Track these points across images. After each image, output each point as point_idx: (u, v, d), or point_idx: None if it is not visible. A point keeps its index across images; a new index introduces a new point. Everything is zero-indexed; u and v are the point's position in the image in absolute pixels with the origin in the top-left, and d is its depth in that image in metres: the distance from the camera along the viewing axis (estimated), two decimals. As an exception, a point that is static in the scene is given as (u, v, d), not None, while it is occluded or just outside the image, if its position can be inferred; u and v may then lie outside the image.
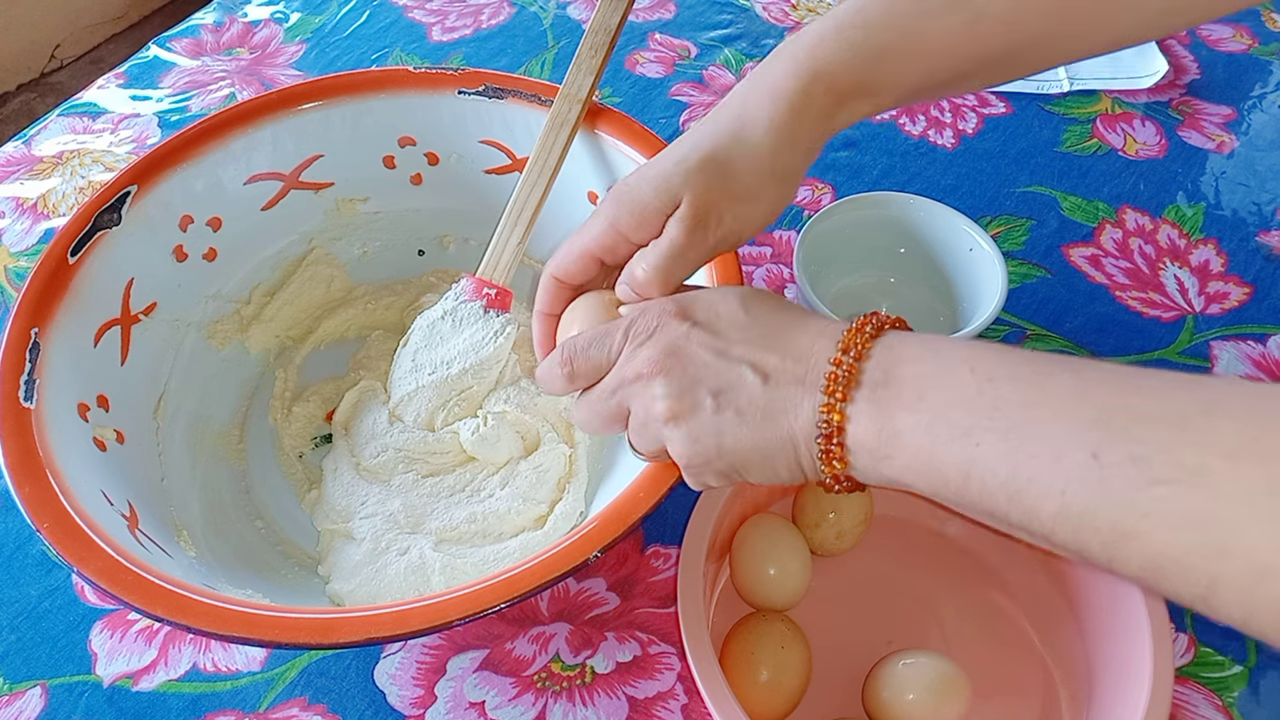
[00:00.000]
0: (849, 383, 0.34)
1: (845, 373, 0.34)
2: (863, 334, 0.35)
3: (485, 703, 0.48)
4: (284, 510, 0.55)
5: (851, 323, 0.36)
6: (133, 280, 0.52)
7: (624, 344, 0.39)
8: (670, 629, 0.51)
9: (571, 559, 0.39)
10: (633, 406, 0.39)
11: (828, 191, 0.71)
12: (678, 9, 0.87)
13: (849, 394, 0.34)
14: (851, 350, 0.35)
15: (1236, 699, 0.49)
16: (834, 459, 0.35)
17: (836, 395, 0.34)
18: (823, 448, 0.35)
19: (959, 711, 0.45)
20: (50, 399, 0.45)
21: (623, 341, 0.39)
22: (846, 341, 0.35)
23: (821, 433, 0.35)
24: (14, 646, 0.50)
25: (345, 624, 0.38)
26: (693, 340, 0.37)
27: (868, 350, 0.35)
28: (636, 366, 0.38)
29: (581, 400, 0.41)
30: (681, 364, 0.37)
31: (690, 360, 0.37)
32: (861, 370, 0.34)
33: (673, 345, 0.37)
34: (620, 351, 0.39)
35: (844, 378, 0.34)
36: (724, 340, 0.37)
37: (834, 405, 0.34)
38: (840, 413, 0.34)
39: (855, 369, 0.34)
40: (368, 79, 0.58)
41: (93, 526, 0.40)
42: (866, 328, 0.35)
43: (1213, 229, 0.69)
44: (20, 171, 0.73)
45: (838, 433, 0.34)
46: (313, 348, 0.61)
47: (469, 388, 0.54)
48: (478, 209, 0.60)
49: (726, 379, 0.36)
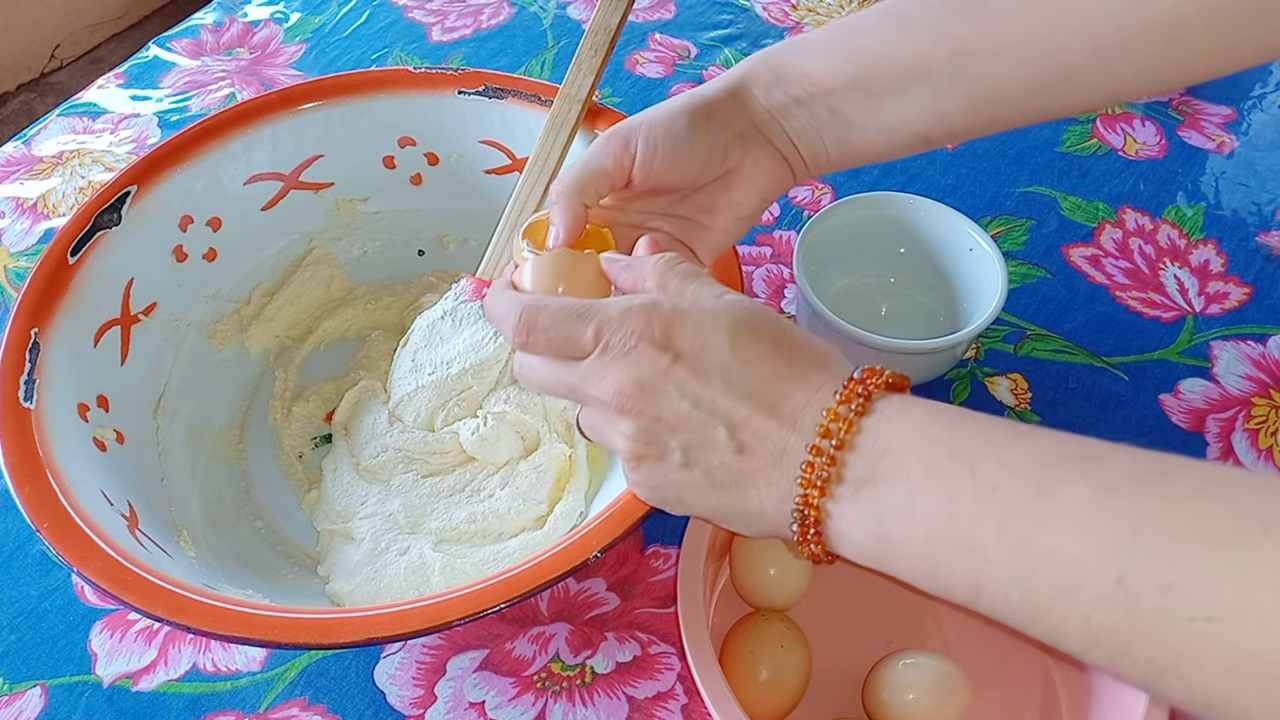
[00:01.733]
0: (829, 478, 0.31)
1: (826, 463, 0.31)
2: (850, 406, 0.32)
3: (485, 703, 0.48)
4: (284, 510, 0.55)
5: (846, 381, 0.33)
6: (133, 280, 0.52)
7: (595, 345, 0.35)
8: (670, 629, 0.51)
9: (571, 559, 0.39)
10: (593, 417, 0.37)
11: (828, 191, 0.71)
12: (678, 9, 0.87)
13: (829, 489, 0.31)
14: (834, 436, 0.31)
15: (1236, 699, 0.49)
16: (812, 543, 0.33)
17: (814, 490, 0.31)
18: (798, 534, 0.33)
19: (959, 711, 0.45)
20: (50, 399, 0.45)
21: (594, 342, 0.35)
22: (828, 423, 0.32)
23: (797, 521, 0.32)
24: (14, 646, 0.50)
25: (345, 624, 0.38)
26: (671, 380, 0.33)
27: (851, 439, 0.31)
28: (604, 391, 0.34)
29: (534, 364, 0.38)
30: (655, 408, 0.34)
31: (665, 405, 0.34)
32: (844, 463, 0.31)
33: (648, 381, 0.34)
34: (588, 350, 0.35)
35: (823, 471, 0.31)
36: (705, 385, 0.33)
37: (811, 499, 0.32)
38: (819, 508, 0.32)
39: (837, 460, 0.31)
40: (368, 79, 0.58)
41: (93, 526, 0.40)
42: (853, 401, 0.32)
43: (1213, 229, 0.69)
44: (20, 171, 0.73)
45: (815, 524, 0.32)
46: (313, 348, 0.61)
47: (469, 388, 0.54)
48: (478, 209, 0.60)
49: (700, 435, 0.33)
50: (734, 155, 0.45)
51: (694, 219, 0.46)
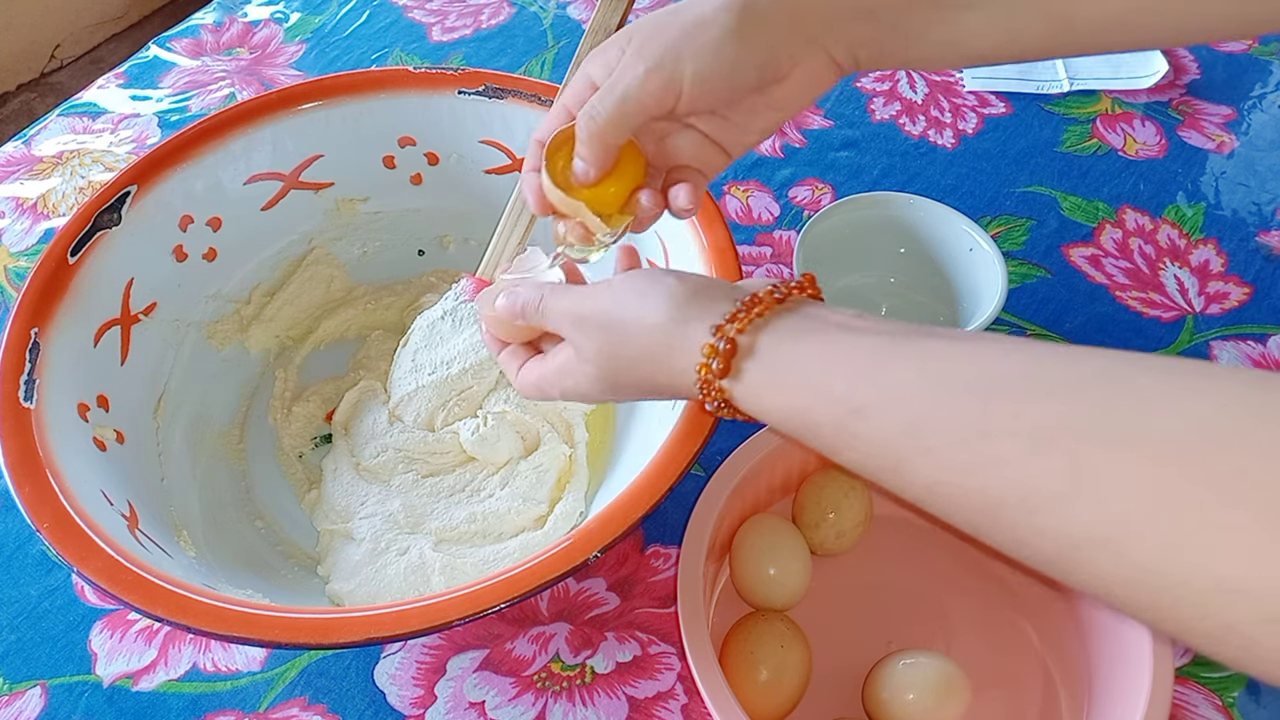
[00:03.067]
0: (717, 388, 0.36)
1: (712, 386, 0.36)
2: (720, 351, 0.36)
3: (485, 703, 0.48)
4: (284, 510, 0.55)
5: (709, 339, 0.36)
6: (133, 280, 0.52)
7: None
8: (670, 629, 0.51)
9: (571, 559, 0.39)
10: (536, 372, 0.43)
11: (828, 191, 0.71)
12: (678, 9, 0.87)
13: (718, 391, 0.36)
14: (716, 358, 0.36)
15: (1236, 699, 0.49)
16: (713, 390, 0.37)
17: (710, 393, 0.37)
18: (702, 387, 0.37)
19: (959, 711, 0.45)
20: (50, 399, 0.45)
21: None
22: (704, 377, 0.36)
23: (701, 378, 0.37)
24: (14, 646, 0.50)
25: (345, 624, 0.38)
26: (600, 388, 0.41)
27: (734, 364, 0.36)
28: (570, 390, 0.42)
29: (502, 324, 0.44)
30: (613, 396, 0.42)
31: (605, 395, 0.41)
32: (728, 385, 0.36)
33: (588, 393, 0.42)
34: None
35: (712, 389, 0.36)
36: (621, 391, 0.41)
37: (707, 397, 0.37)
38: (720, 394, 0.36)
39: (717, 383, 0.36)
40: (368, 79, 0.58)
41: (93, 526, 0.40)
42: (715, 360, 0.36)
43: (1213, 229, 0.69)
44: (20, 171, 0.73)
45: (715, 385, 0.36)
46: (313, 348, 0.61)
47: (469, 388, 0.54)
48: (478, 209, 0.60)
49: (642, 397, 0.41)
50: (785, 67, 0.42)
51: (733, 120, 0.44)
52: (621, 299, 0.39)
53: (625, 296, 0.39)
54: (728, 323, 0.36)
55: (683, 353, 0.37)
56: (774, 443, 0.50)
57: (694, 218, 0.50)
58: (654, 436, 0.48)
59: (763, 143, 0.46)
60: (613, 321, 0.39)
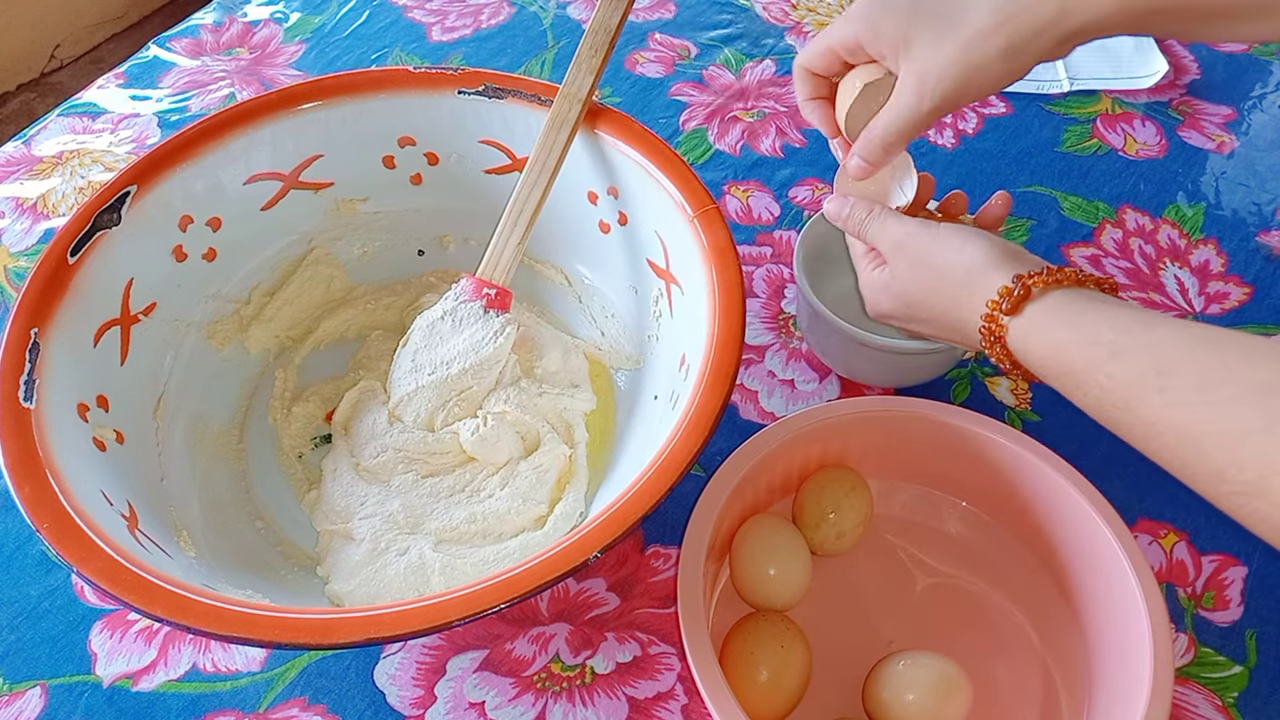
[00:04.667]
0: (997, 340, 0.43)
1: (993, 341, 0.43)
2: (1001, 309, 0.42)
3: (485, 703, 0.48)
4: (284, 510, 0.55)
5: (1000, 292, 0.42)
6: (132, 280, 0.52)
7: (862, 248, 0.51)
8: (670, 629, 0.51)
9: (571, 559, 0.39)
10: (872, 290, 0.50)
11: (828, 191, 0.71)
12: (678, 9, 0.87)
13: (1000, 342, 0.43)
14: (994, 325, 0.42)
15: (1236, 699, 0.49)
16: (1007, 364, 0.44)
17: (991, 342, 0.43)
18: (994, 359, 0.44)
19: (959, 711, 0.45)
20: (50, 399, 0.45)
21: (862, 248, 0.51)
22: (987, 324, 0.43)
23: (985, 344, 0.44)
24: (14, 646, 0.50)
25: (345, 624, 0.38)
26: (895, 306, 0.48)
27: (1003, 335, 0.42)
28: (866, 298, 0.50)
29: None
30: (889, 314, 0.49)
31: (891, 313, 0.49)
32: (1004, 340, 0.42)
33: (880, 305, 0.49)
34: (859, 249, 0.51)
35: (993, 345, 0.43)
36: (909, 307, 0.48)
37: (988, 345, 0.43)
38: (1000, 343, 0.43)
39: (1000, 339, 0.43)
40: (368, 79, 0.58)
41: (93, 526, 0.40)
42: (999, 315, 0.42)
43: (1213, 229, 0.69)
44: (20, 171, 0.73)
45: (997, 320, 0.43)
46: (313, 348, 0.61)
47: (469, 388, 0.54)
48: (478, 209, 0.60)
49: (920, 325, 0.48)
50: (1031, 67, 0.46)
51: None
52: (944, 238, 0.45)
53: (948, 236, 0.45)
54: (1030, 276, 0.41)
55: (981, 293, 0.43)
56: (774, 443, 0.50)
57: (694, 218, 0.50)
58: (654, 436, 0.48)
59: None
60: (928, 258, 0.46)
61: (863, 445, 0.53)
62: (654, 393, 0.54)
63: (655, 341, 0.56)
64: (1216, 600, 0.52)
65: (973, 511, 0.54)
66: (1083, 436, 0.57)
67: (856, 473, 0.52)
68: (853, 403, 0.52)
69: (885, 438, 0.53)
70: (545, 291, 0.63)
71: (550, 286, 0.63)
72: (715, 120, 0.77)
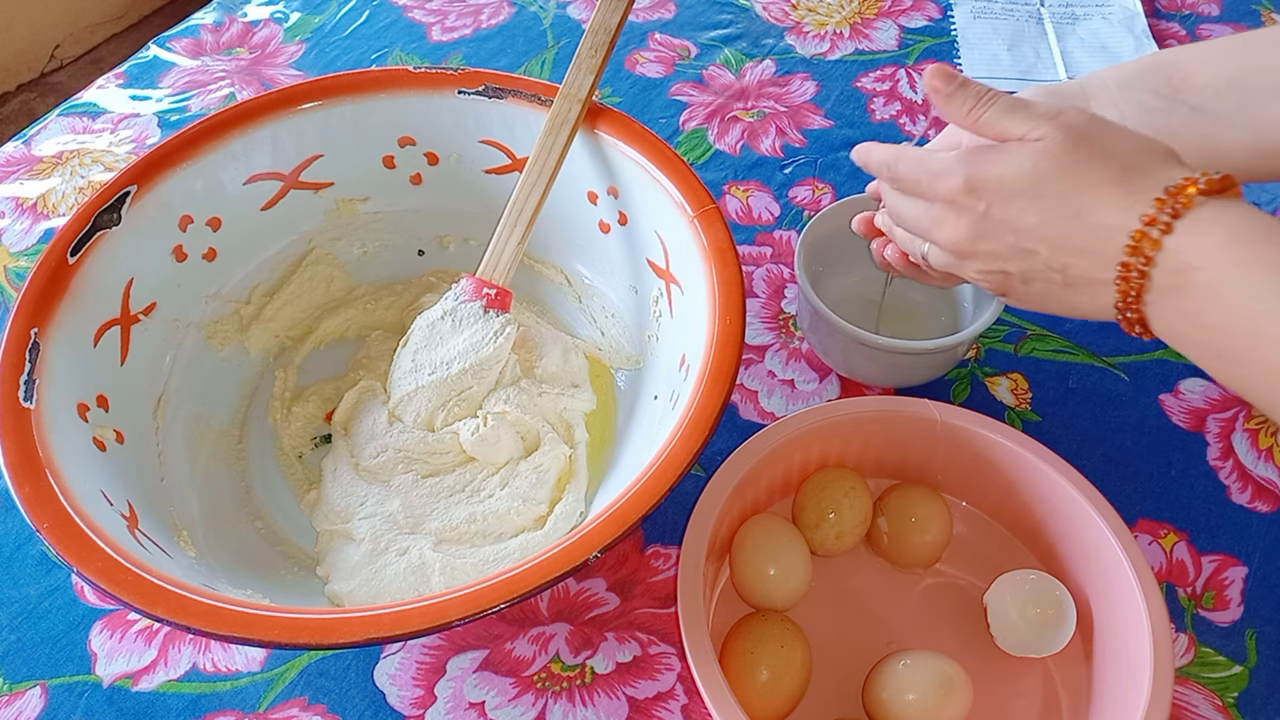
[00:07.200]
0: (1140, 289, 0.36)
1: (1137, 277, 0.36)
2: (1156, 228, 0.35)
3: (485, 703, 0.48)
4: (284, 510, 0.55)
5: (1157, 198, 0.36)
6: (132, 280, 0.52)
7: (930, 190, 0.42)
8: (670, 629, 0.51)
9: (571, 559, 0.39)
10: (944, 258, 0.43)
11: (828, 191, 0.71)
12: (678, 9, 0.87)
13: (1141, 299, 0.37)
14: (1141, 254, 0.36)
15: (1236, 699, 0.49)
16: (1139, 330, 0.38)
17: (1129, 300, 0.37)
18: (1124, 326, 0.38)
19: (959, 711, 0.45)
20: (50, 399, 0.45)
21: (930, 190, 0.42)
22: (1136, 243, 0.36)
23: (1120, 318, 0.38)
24: (14, 646, 0.50)
25: (345, 624, 0.38)
26: (990, 223, 0.40)
27: (1156, 257, 0.36)
28: (947, 240, 0.42)
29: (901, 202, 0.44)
30: (986, 247, 0.40)
31: (992, 244, 0.40)
32: (1151, 278, 0.36)
33: (974, 228, 0.40)
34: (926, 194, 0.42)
35: (1135, 285, 0.36)
36: (1020, 228, 0.39)
37: (1127, 305, 0.37)
38: (1136, 310, 0.37)
39: (1146, 275, 0.36)
40: (368, 79, 0.58)
41: (93, 526, 0.40)
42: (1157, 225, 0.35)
43: (1213, 229, 0.69)
44: (20, 171, 0.73)
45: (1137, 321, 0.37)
46: (313, 348, 0.61)
47: (469, 388, 0.54)
48: (478, 209, 0.60)
49: (1027, 263, 0.39)
50: None
51: None
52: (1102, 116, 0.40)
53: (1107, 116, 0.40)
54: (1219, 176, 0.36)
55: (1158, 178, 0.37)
56: (774, 443, 0.50)
57: (694, 218, 0.50)
58: (654, 436, 0.48)
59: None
60: (1098, 132, 0.39)
61: (863, 445, 0.53)
62: (654, 393, 0.54)
63: (655, 341, 0.56)
64: (1216, 600, 0.52)
65: (973, 511, 0.54)
66: (1083, 436, 0.57)
67: (856, 473, 0.52)
68: (853, 403, 0.52)
69: (885, 438, 0.53)
70: (545, 291, 0.63)
71: (550, 286, 0.63)
72: (715, 120, 0.77)
